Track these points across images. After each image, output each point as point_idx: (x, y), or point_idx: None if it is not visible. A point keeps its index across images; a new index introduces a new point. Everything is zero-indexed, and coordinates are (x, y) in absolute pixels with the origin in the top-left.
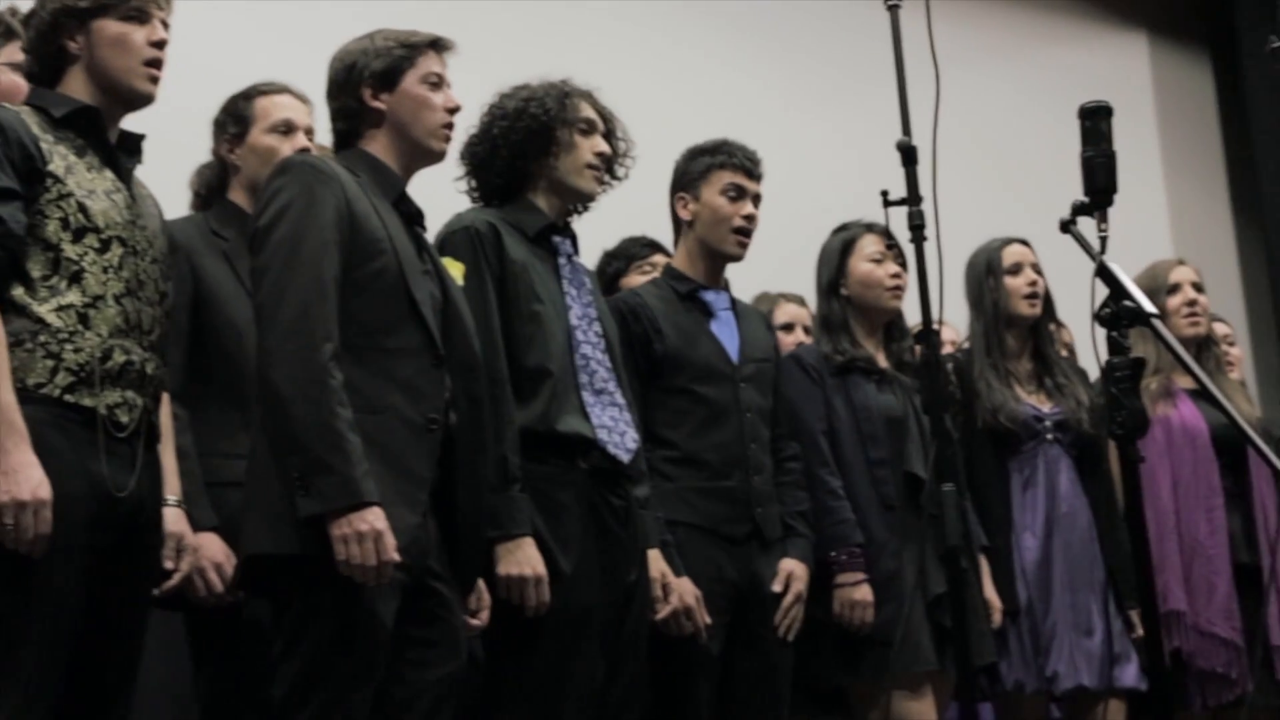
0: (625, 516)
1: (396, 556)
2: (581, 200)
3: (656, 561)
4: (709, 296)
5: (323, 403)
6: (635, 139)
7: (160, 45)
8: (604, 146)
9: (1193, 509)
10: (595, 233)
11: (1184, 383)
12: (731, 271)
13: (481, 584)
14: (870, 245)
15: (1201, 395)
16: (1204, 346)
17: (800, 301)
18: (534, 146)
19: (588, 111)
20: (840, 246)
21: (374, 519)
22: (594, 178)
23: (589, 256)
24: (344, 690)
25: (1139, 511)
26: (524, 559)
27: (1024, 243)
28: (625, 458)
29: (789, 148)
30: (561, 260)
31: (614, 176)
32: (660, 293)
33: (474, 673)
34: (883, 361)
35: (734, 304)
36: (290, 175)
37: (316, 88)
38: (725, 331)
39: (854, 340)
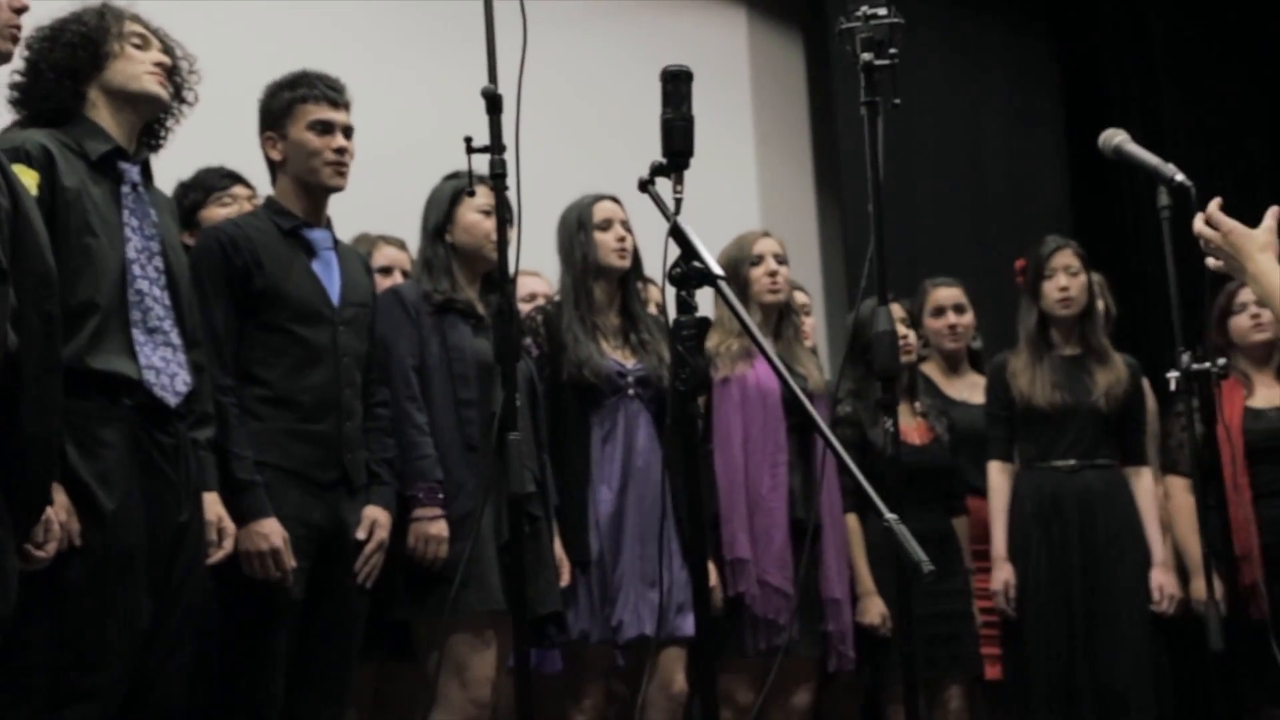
0: (175, 455)
1: None
2: (148, 106)
3: (214, 505)
4: (312, 235)
5: None
6: (224, 80)
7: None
8: (163, 58)
9: (759, 464)
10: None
11: (767, 345)
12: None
13: (51, 514)
14: (482, 196)
15: (780, 358)
16: (784, 314)
17: (400, 245)
18: (80, 63)
19: (137, 28)
20: (451, 193)
21: None
22: (157, 80)
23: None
24: None
25: (695, 467)
26: None
27: (615, 199)
28: (172, 401)
29: (381, 90)
30: (125, 188)
31: (182, 99)
32: (262, 225)
33: None
34: (481, 308)
35: (336, 244)
36: None
37: None
38: (326, 272)
39: (455, 284)
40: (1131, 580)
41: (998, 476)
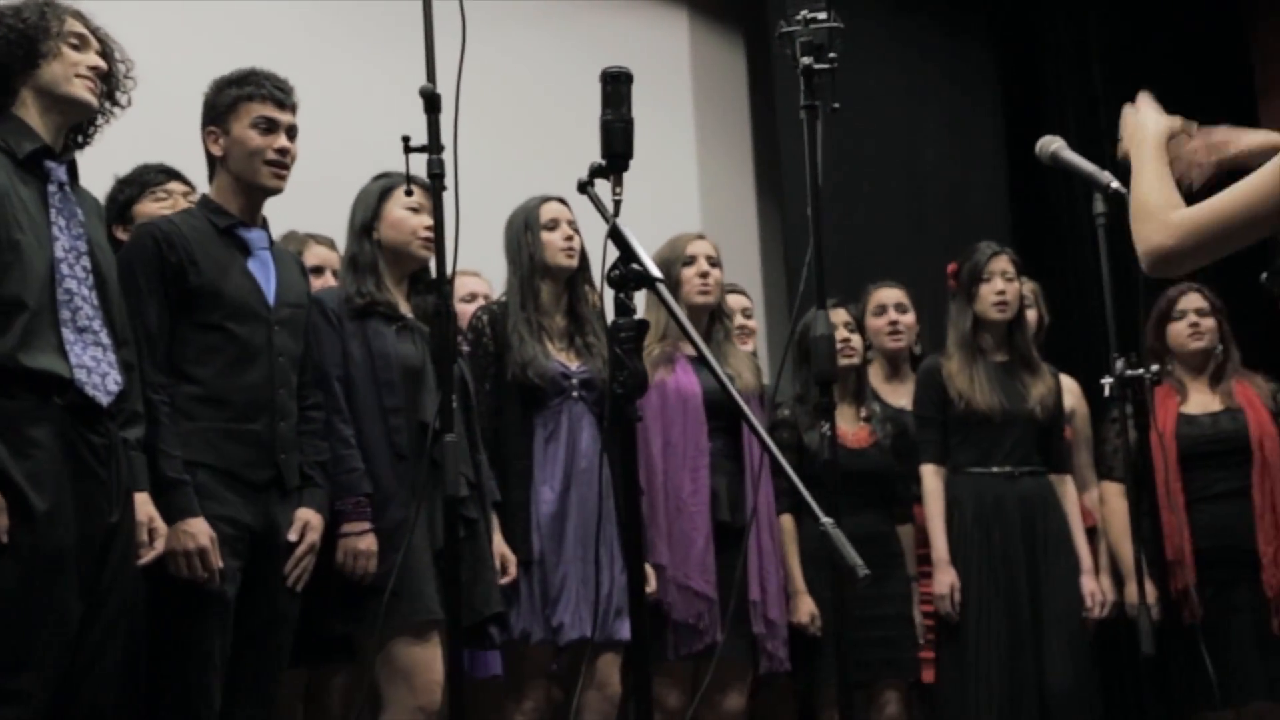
0: (107, 455)
1: None
2: (77, 111)
3: (145, 505)
4: (248, 234)
5: None
6: (161, 79)
7: None
8: (99, 62)
9: (679, 468)
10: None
11: (687, 349)
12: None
13: None
14: (413, 193)
15: (701, 361)
16: (715, 317)
17: (330, 245)
18: (13, 59)
19: (77, 27)
20: (379, 191)
21: None
22: (87, 87)
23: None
24: None
25: (632, 470)
26: None
27: (562, 201)
28: (104, 400)
29: (319, 89)
30: (52, 188)
31: (114, 102)
32: (197, 224)
33: None
34: (405, 310)
35: (272, 244)
36: None
37: None
38: (262, 272)
39: (380, 284)
40: (1070, 585)
41: (932, 479)
